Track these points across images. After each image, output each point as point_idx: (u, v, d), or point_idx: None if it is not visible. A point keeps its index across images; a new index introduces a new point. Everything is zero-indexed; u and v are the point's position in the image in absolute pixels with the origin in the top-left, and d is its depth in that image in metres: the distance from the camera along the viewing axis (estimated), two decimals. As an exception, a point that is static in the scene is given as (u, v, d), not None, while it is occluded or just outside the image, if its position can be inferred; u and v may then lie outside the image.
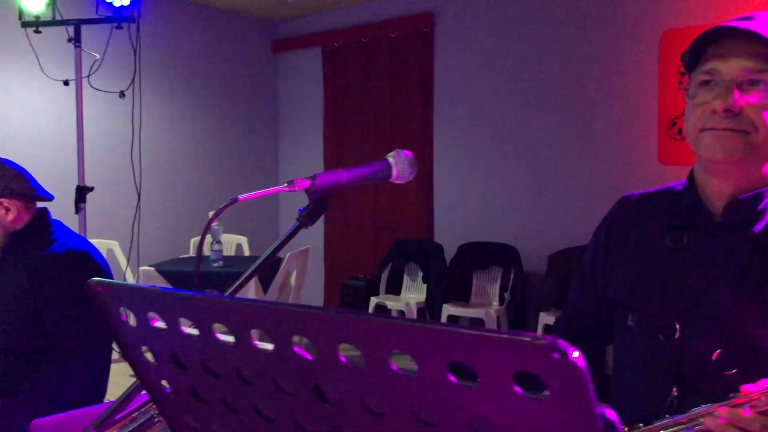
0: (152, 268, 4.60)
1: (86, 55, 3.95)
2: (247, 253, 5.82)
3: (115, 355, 2.38)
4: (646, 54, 4.80)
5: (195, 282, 1.50)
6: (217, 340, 0.60)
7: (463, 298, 5.17)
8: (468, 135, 5.68)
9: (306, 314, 0.53)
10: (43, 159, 5.17)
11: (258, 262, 1.00)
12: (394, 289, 5.51)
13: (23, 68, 4.88)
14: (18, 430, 1.77)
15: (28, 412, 1.78)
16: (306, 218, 1.03)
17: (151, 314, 0.65)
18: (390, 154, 1.09)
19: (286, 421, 0.61)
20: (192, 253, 5.72)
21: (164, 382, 0.72)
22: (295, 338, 0.55)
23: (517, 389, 0.43)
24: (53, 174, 5.24)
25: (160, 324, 0.66)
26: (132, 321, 0.68)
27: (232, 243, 5.86)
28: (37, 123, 5.22)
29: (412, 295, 5.40)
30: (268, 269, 5.01)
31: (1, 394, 1.84)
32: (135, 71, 3.99)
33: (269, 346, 0.58)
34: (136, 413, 1.44)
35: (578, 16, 5.09)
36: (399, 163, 1.08)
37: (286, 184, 1.02)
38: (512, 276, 4.98)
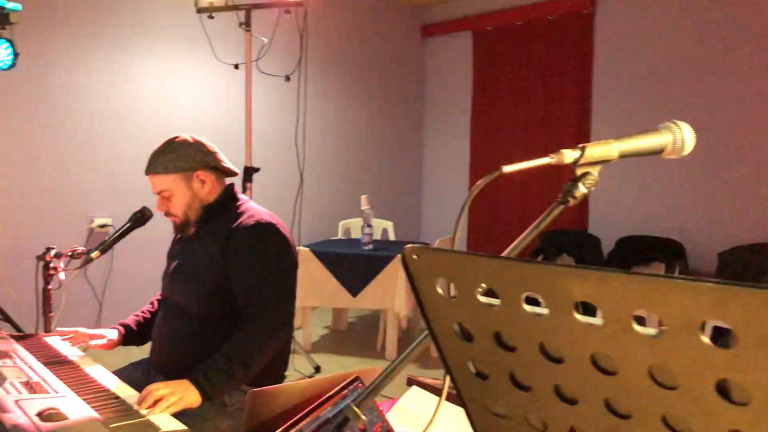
0: (307, 249, 4.70)
1: (255, 39, 4.07)
2: (392, 237, 5.82)
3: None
4: None
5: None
6: (578, 322, 0.52)
7: (620, 294, 4.90)
8: (630, 122, 5.36)
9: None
10: (213, 140, 5.41)
11: (523, 238, 0.92)
12: (544, 281, 5.32)
13: (197, 53, 5.13)
14: (215, 396, 1.82)
15: (223, 377, 1.82)
16: (571, 195, 0.93)
17: (479, 287, 0.59)
18: (664, 124, 0.97)
19: (654, 419, 0.52)
20: (341, 235, 5.81)
21: (470, 364, 0.66)
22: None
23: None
24: (222, 154, 5.49)
25: (488, 299, 0.59)
26: (450, 293, 0.62)
27: (379, 227, 5.89)
28: (208, 105, 5.47)
29: (565, 288, 5.19)
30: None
31: (199, 359, 1.89)
32: (301, 55, 4.06)
33: (651, 331, 0.49)
34: (346, 390, 1.42)
35: (763, -7, 4.65)
36: (676, 136, 0.96)
37: (552, 157, 0.93)
38: (677, 273, 4.65)
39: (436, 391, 1.70)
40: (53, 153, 4.82)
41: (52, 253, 2.23)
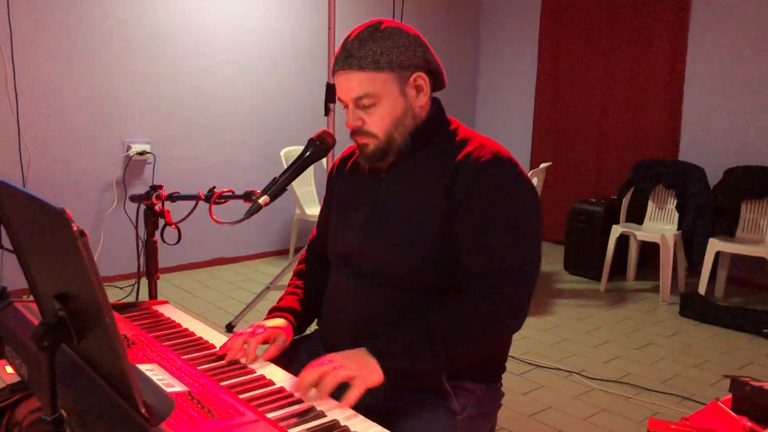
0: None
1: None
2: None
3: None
4: None
5: None
6: None
7: (727, 232, 4.37)
8: (733, 30, 4.68)
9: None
10: (286, 54, 4.76)
11: None
12: (634, 217, 4.76)
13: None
14: (396, 381, 1.24)
15: (422, 359, 1.25)
16: None
17: None
18: None
19: None
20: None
21: None
22: None
23: None
24: (302, 74, 4.86)
25: None
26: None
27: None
28: (277, 14, 4.80)
29: (664, 225, 4.64)
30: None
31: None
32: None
33: None
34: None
35: None
36: None
37: None
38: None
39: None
40: (85, 73, 4.16)
41: (162, 193, 1.60)
